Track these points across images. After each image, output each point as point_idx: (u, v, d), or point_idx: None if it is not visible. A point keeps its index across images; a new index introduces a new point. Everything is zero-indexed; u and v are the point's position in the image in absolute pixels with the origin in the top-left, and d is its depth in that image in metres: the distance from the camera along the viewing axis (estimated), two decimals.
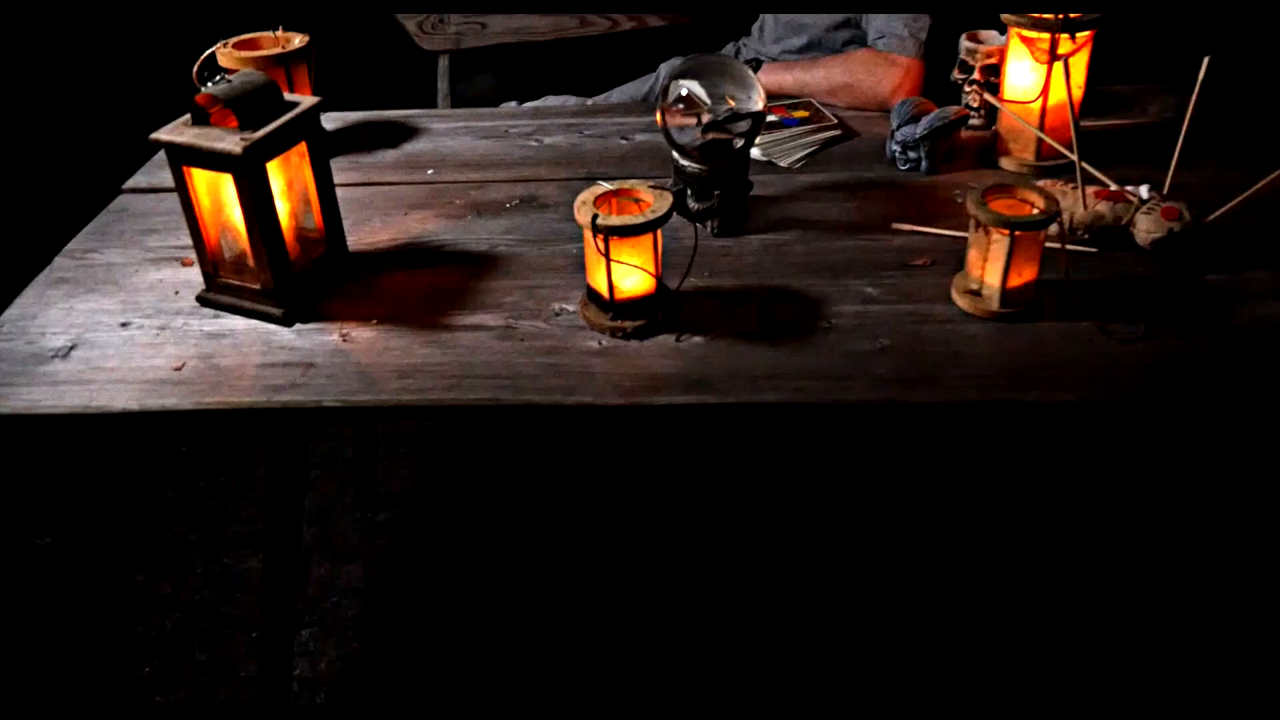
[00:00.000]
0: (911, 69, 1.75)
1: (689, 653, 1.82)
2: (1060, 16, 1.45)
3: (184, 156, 1.20)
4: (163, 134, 1.19)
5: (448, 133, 1.79)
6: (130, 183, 1.67)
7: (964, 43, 1.68)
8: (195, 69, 1.54)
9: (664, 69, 2.29)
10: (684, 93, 1.34)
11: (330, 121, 1.82)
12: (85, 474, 2.31)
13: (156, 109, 1.50)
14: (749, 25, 2.26)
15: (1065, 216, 1.35)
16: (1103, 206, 1.36)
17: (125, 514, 2.19)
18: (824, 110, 1.77)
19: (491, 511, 2.17)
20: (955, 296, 1.26)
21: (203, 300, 1.32)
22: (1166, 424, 2.17)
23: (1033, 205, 1.20)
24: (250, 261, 1.25)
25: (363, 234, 1.47)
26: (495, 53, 2.47)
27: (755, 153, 1.61)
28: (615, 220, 1.14)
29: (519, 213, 1.52)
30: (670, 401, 1.12)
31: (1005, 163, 1.59)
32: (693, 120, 1.34)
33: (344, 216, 1.38)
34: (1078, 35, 1.45)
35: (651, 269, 1.19)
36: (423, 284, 1.34)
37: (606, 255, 1.15)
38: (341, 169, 1.64)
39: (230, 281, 1.29)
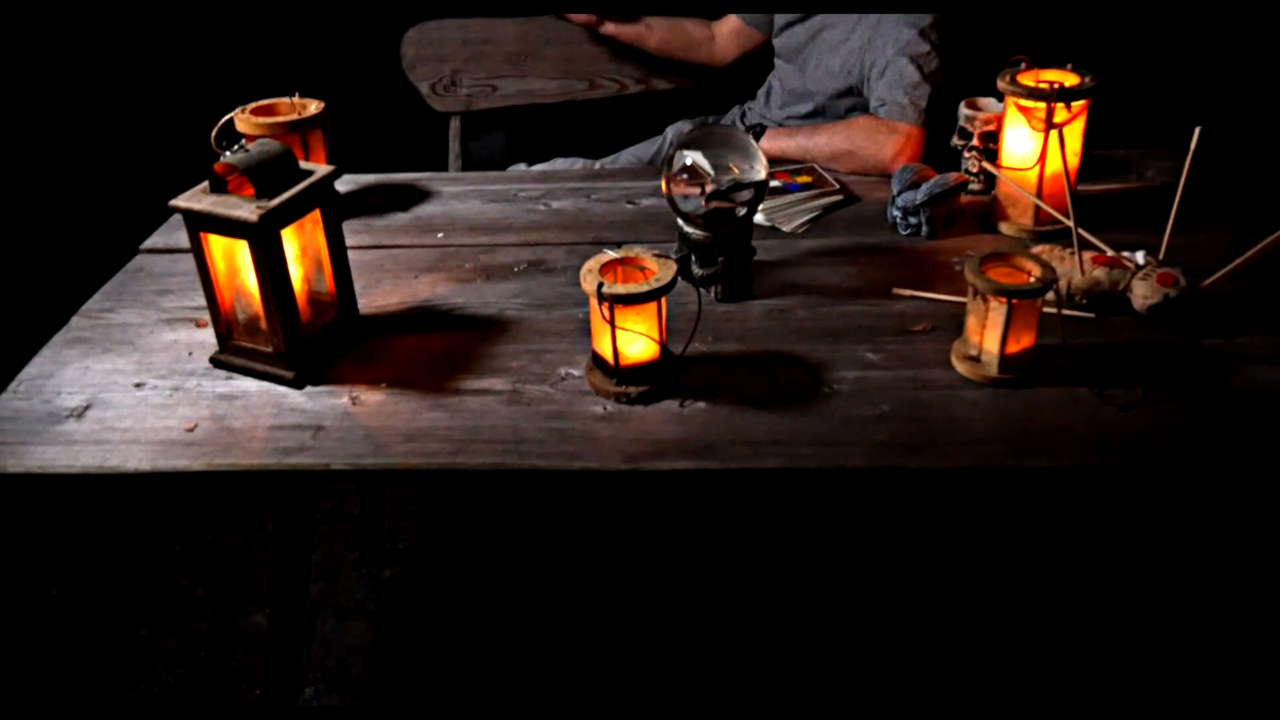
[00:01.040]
0: (912, 136, 1.78)
1: (690, 709, 1.82)
2: (1055, 86, 1.49)
3: (201, 223, 1.23)
4: (181, 201, 1.22)
5: (458, 196, 1.83)
6: (147, 243, 1.70)
7: (963, 110, 1.71)
8: (213, 134, 1.58)
9: (671, 131, 2.34)
10: (688, 162, 1.37)
11: (343, 184, 1.86)
12: (93, 526, 2.32)
13: (174, 170, 1.55)
14: (755, 90, 2.31)
15: (1063, 282, 1.37)
16: (1099, 272, 1.38)
17: (132, 567, 2.20)
18: (827, 175, 1.80)
19: (497, 570, 2.18)
20: (955, 362, 1.28)
21: (215, 362, 1.35)
22: (1165, 489, 2.17)
23: (1029, 273, 1.22)
24: (263, 325, 1.28)
25: (374, 297, 1.50)
26: (506, 114, 2.52)
27: (759, 218, 1.64)
28: (620, 289, 1.17)
29: (527, 276, 1.54)
30: (673, 467, 1.14)
31: (1004, 227, 1.61)
32: (697, 189, 1.37)
33: (355, 279, 1.41)
34: (1073, 104, 1.49)
35: (656, 336, 1.22)
36: (431, 347, 1.37)
37: (611, 323, 1.17)
38: (354, 231, 1.68)
39: (243, 344, 1.32)
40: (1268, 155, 1.94)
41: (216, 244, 1.26)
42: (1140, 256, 1.40)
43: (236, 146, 1.25)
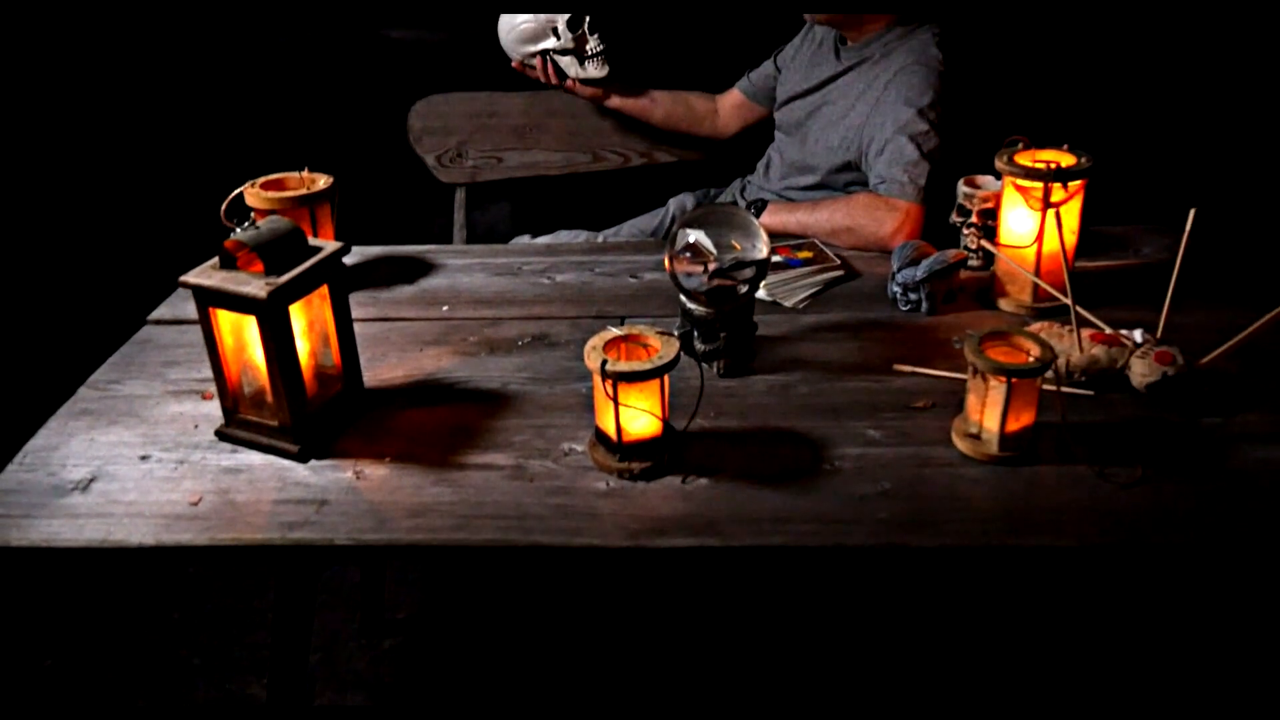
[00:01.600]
0: (911, 213, 1.81)
1: None
2: (1052, 166, 1.51)
3: (211, 299, 1.25)
4: (191, 277, 1.24)
5: (463, 269, 1.85)
6: (155, 314, 1.72)
7: (961, 188, 1.74)
8: (223, 207, 1.60)
9: (673, 204, 2.38)
10: (691, 241, 1.39)
11: (350, 256, 1.86)
12: (90, 593, 2.31)
13: (182, 242, 1.57)
14: (755, 164, 2.34)
15: (1061, 360, 1.38)
16: (1098, 350, 1.39)
17: (130, 636, 2.19)
18: (827, 251, 1.82)
19: (498, 641, 2.16)
20: (955, 439, 1.29)
21: (221, 435, 1.35)
22: (1166, 568, 2.16)
23: (1028, 352, 1.24)
24: (269, 398, 1.29)
25: (379, 370, 1.51)
26: (510, 185, 2.56)
27: (761, 293, 1.66)
28: (623, 366, 1.18)
29: (530, 350, 1.56)
30: (675, 544, 1.14)
31: (1003, 304, 1.63)
32: (700, 267, 1.39)
33: (361, 352, 1.43)
34: (1069, 184, 1.51)
35: (658, 412, 1.23)
36: (436, 421, 1.38)
37: (615, 399, 1.19)
38: (360, 304, 1.70)
39: (249, 418, 1.33)
40: (1264, 233, 1.96)
41: (225, 319, 1.27)
42: (1138, 335, 1.42)
43: (247, 224, 1.28)
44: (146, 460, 1.32)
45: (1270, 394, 1.37)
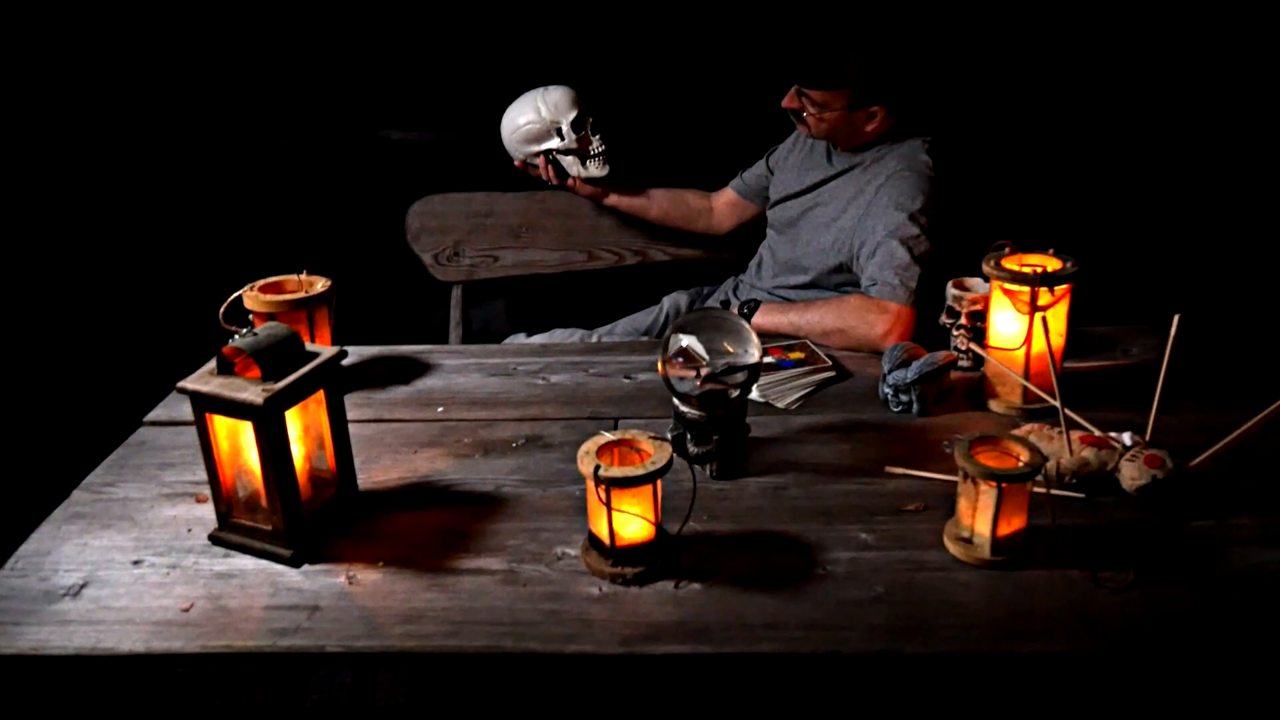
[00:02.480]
0: (902, 315, 1.83)
1: None
2: (1038, 271, 1.54)
3: (207, 404, 1.26)
4: (189, 383, 1.26)
5: (458, 369, 1.87)
6: (151, 415, 1.72)
7: (950, 290, 1.76)
8: (222, 310, 1.62)
9: (667, 302, 2.41)
10: (684, 345, 1.41)
11: (346, 357, 1.89)
12: (78, 694, 2.27)
13: (180, 343, 1.58)
14: (747, 263, 2.38)
15: (1052, 462, 1.39)
16: (1088, 453, 1.40)
17: None
18: (819, 352, 1.84)
19: None
20: (947, 543, 1.29)
21: (214, 539, 1.35)
22: (1158, 674, 2.13)
23: (1018, 457, 1.24)
24: (263, 503, 1.30)
25: (373, 472, 1.51)
26: (505, 283, 2.59)
27: (753, 394, 1.67)
28: (616, 472, 1.19)
29: (525, 452, 1.57)
30: (668, 651, 1.14)
31: (994, 405, 1.64)
32: (692, 372, 1.41)
33: (356, 453, 1.44)
34: (1056, 289, 1.54)
35: (651, 517, 1.23)
36: (429, 525, 1.38)
37: (608, 505, 1.19)
38: (355, 404, 1.71)
39: (242, 522, 1.33)
40: (1252, 333, 1.99)
41: (221, 424, 1.28)
42: (1128, 437, 1.42)
43: (245, 330, 1.29)
44: (139, 565, 1.32)
45: (1260, 496, 1.37)
